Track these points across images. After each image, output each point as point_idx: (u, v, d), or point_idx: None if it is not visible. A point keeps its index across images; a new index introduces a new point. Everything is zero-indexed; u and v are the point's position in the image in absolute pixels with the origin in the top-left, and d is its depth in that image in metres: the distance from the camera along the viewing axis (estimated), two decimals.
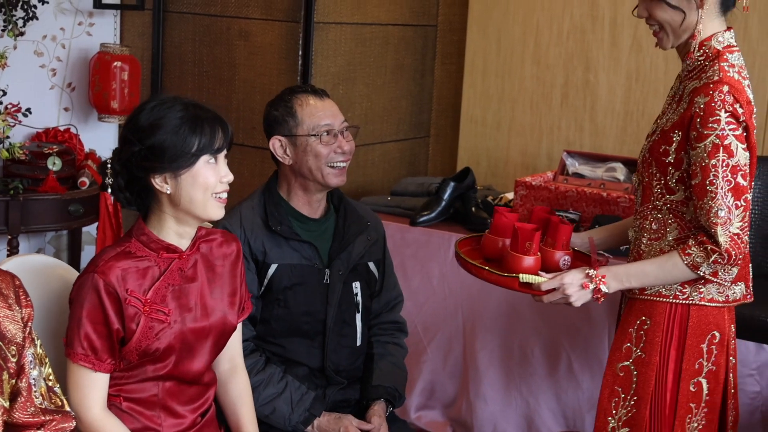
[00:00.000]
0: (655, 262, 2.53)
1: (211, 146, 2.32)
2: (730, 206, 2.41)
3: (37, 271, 2.50)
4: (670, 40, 2.54)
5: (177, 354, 2.37)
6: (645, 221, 2.61)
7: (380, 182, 4.65)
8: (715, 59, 2.48)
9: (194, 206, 2.34)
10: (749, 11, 4.02)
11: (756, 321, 3.04)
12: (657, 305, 2.58)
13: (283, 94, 2.90)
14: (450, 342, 3.94)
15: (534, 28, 4.56)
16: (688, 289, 2.55)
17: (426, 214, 4.00)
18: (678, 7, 2.49)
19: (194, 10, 4.42)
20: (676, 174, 2.52)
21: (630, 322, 2.64)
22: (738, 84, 2.45)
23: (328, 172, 2.83)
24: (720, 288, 2.56)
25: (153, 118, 2.31)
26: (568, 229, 2.65)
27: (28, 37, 4.17)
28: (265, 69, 4.28)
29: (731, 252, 2.42)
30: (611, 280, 2.53)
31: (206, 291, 2.43)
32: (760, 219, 3.37)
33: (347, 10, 4.33)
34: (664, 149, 2.53)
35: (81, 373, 2.30)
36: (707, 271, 2.47)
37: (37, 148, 4.09)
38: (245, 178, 4.36)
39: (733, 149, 2.40)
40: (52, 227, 4.12)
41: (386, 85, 4.62)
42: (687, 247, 2.47)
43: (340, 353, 2.89)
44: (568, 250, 2.67)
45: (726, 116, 2.40)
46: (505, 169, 4.69)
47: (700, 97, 2.43)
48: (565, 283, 2.53)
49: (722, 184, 2.40)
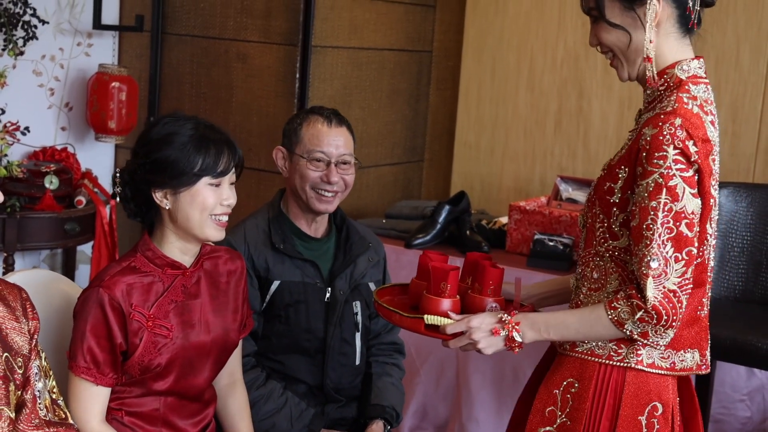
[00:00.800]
0: (578, 313, 2.19)
1: (215, 169, 2.34)
2: (668, 258, 2.06)
3: (40, 286, 2.51)
4: (624, 68, 2.21)
5: (179, 370, 2.39)
6: (586, 268, 2.26)
7: (374, 205, 4.68)
8: (675, 89, 2.16)
9: (191, 225, 2.36)
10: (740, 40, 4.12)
11: (747, 345, 3.07)
12: (588, 365, 2.22)
13: (303, 110, 2.97)
14: (443, 364, 3.97)
15: (528, 55, 4.61)
16: (624, 350, 2.18)
17: (421, 237, 4.03)
18: (620, 26, 2.16)
19: (193, 32, 4.46)
20: (620, 217, 2.17)
21: (556, 381, 2.27)
22: (695, 118, 2.11)
23: (311, 196, 2.85)
24: (663, 352, 2.19)
25: (163, 133, 2.35)
26: (497, 274, 2.33)
27: (27, 56, 4.20)
28: (263, 91, 4.31)
29: (660, 311, 2.07)
30: (527, 329, 2.19)
31: (209, 308, 2.45)
32: (752, 245, 3.41)
33: (344, 34, 4.38)
34: (608, 187, 2.19)
35: (82, 386, 2.32)
36: (634, 331, 2.12)
37: (35, 166, 4.12)
38: (241, 199, 4.32)
39: (678, 192, 2.06)
40: (48, 245, 4.13)
41: (382, 109, 4.67)
42: (615, 300, 2.13)
43: (339, 371, 2.91)
44: (498, 296, 2.33)
45: (674, 153, 2.06)
46: (498, 194, 4.73)
47: (649, 128, 2.10)
48: (473, 327, 2.21)
49: (661, 231, 2.06)
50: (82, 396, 2.32)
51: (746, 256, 3.40)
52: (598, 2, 2.17)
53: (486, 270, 2.32)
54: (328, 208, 2.87)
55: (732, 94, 4.16)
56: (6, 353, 2.04)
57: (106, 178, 4.57)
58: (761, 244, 3.40)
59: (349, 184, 2.90)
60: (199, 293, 2.44)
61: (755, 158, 4.11)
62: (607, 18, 2.16)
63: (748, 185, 3.47)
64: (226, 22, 4.37)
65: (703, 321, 2.24)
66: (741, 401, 3.50)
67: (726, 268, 3.40)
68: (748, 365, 3.16)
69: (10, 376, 2.03)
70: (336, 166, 2.86)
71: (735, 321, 3.19)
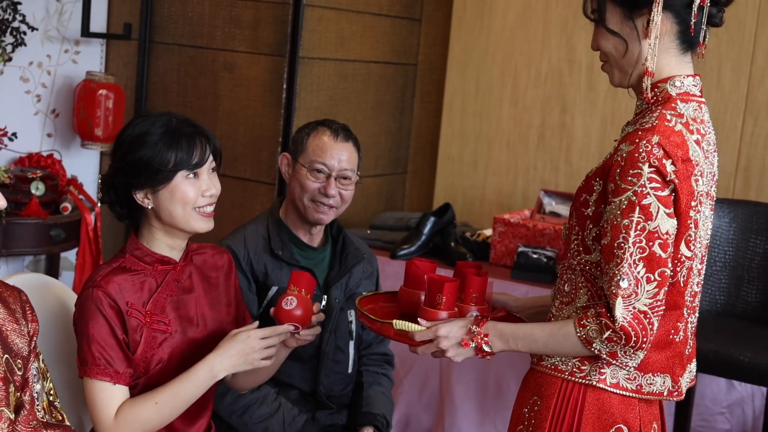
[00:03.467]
0: (548, 328, 2.12)
1: (189, 161, 2.33)
2: (639, 278, 2.00)
3: (34, 289, 2.51)
4: (615, 75, 2.16)
5: (179, 365, 2.38)
6: (560, 281, 2.21)
7: (358, 216, 4.71)
8: (661, 105, 2.10)
9: (176, 221, 2.36)
10: (722, 60, 4.18)
11: (729, 358, 3.12)
12: (550, 381, 2.15)
13: (314, 121, 2.99)
14: (426, 374, 4.00)
15: (512, 70, 4.66)
16: (587, 367, 2.11)
17: (406, 248, 4.07)
18: (618, 34, 2.10)
19: (180, 42, 4.48)
20: (594, 230, 2.11)
21: (524, 399, 2.22)
22: (676, 137, 2.03)
23: (308, 206, 2.88)
24: (629, 373, 2.11)
25: (135, 134, 2.35)
26: (480, 282, 2.30)
27: (15, 62, 4.21)
28: (249, 101, 4.34)
29: (629, 332, 2.00)
30: (495, 340, 2.14)
31: (204, 301, 2.47)
32: (734, 260, 3.47)
33: (331, 46, 4.41)
34: (584, 199, 2.13)
35: (99, 388, 2.28)
36: (603, 350, 2.05)
37: (21, 172, 4.13)
38: (226, 208, 4.40)
39: (652, 211, 1.99)
40: (33, 251, 4.14)
41: (366, 121, 4.70)
42: (584, 317, 2.06)
43: (332, 378, 2.94)
44: (482, 304, 2.31)
45: (649, 171, 1.99)
46: (481, 207, 4.77)
47: (625, 144, 2.04)
48: (440, 336, 2.15)
49: (632, 250, 1.99)
50: (101, 397, 2.29)
51: (728, 270, 3.46)
52: (600, 6, 2.12)
53: (468, 278, 2.30)
54: (323, 220, 2.90)
55: (713, 113, 4.16)
56: (6, 355, 2.05)
57: (91, 185, 4.58)
58: (743, 259, 3.45)
59: (347, 199, 2.93)
60: (193, 287, 2.45)
61: (735, 175, 4.18)
62: (606, 24, 2.11)
63: (730, 201, 3.53)
64: (214, 32, 4.40)
65: (677, 346, 2.14)
66: (721, 414, 3.54)
67: (708, 282, 3.46)
68: (729, 377, 3.20)
69: (10, 377, 2.05)
70: (336, 180, 2.88)
71: (717, 334, 3.25)
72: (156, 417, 2.31)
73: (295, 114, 4.27)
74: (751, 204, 3.55)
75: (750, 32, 4.13)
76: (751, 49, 4.14)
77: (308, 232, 2.96)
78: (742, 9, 4.13)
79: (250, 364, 2.36)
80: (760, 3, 4.12)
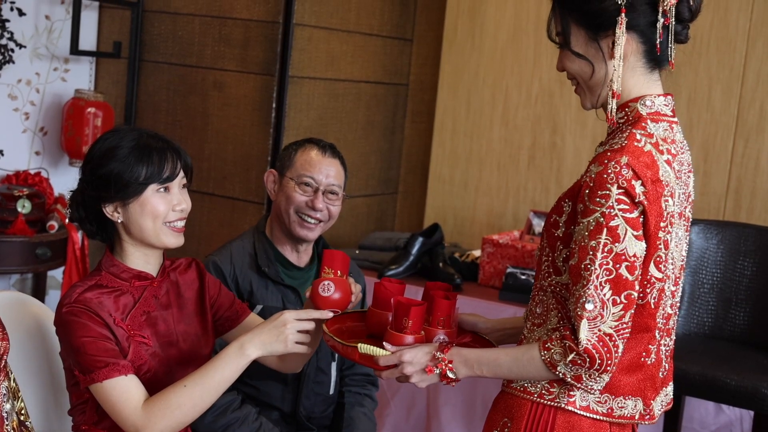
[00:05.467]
0: (512, 352, 2.07)
1: (160, 175, 2.32)
2: (605, 300, 1.96)
3: (10, 307, 2.50)
4: (587, 97, 2.14)
5: (164, 379, 2.33)
6: (532, 302, 2.16)
7: (348, 236, 4.69)
8: (632, 124, 2.07)
9: (146, 235, 2.33)
10: (712, 81, 4.17)
11: (716, 381, 3.09)
12: (520, 403, 2.11)
13: (301, 139, 2.99)
14: (413, 396, 3.97)
15: (503, 91, 4.65)
16: (556, 389, 2.07)
17: (394, 268, 4.04)
18: (584, 57, 2.08)
19: (170, 60, 4.47)
20: (564, 252, 2.07)
21: (494, 420, 2.17)
22: (646, 157, 2.00)
23: (294, 220, 2.87)
24: (599, 396, 2.07)
25: (105, 148, 2.33)
26: (446, 306, 2.24)
27: (3, 80, 4.20)
28: (239, 120, 4.33)
29: (593, 354, 1.96)
30: (460, 366, 2.10)
31: (180, 317, 2.44)
32: (722, 282, 3.44)
33: (321, 65, 4.40)
34: (554, 220, 2.10)
35: (112, 386, 2.21)
36: (567, 373, 2.01)
37: (7, 190, 4.10)
38: (214, 227, 4.39)
39: (619, 233, 1.95)
40: (18, 269, 4.11)
41: (357, 141, 4.69)
42: (549, 340, 2.03)
43: (313, 400, 2.91)
44: (449, 328, 2.25)
45: (617, 192, 1.96)
46: (471, 227, 4.75)
47: (595, 165, 2.01)
48: (405, 361, 2.12)
49: (599, 272, 1.96)
50: (118, 393, 2.20)
51: (716, 292, 3.43)
52: (564, 29, 2.10)
53: (435, 301, 2.25)
54: (309, 236, 2.88)
55: (703, 134, 4.21)
56: None
57: None
58: (731, 282, 3.42)
59: (334, 215, 2.91)
60: (170, 303, 2.43)
61: (725, 197, 4.16)
62: (571, 47, 2.09)
63: (718, 222, 3.50)
64: (203, 51, 4.39)
65: (648, 369, 2.10)
66: None
67: (696, 304, 3.43)
68: (716, 401, 3.17)
69: None
70: (323, 194, 2.87)
71: (704, 356, 3.21)
72: (187, 401, 2.22)
73: (285, 133, 4.26)
74: (739, 225, 3.53)
75: (740, 54, 4.13)
76: (741, 70, 4.13)
77: (295, 250, 2.93)
78: (732, 30, 4.12)
79: (282, 345, 2.26)
80: (750, 25, 4.11)
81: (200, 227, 4.42)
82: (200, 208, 4.42)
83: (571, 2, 2.08)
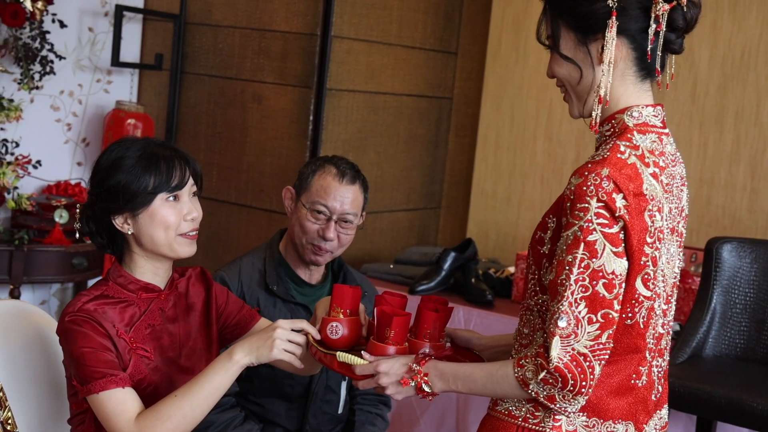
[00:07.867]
0: (487, 368, 2.00)
1: (168, 184, 2.29)
2: (580, 318, 1.86)
3: (11, 316, 2.51)
4: (574, 105, 2.04)
5: (160, 396, 2.31)
6: (520, 322, 2.07)
7: (387, 250, 4.65)
8: (617, 136, 1.97)
9: (158, 246, 2.31)
10: (762, 96, 4.04)
11: (739, 404, 2.96)
12: (506, 426, 2.01)
13: (322, 157, 2.93)
14: (443, 414, 3.90)
15: (547, 105, 4.58)
16: (541, 413, 1.97)
17: (425, 283, 3.99)
18: (572, 60, 2.00)
19: (211, 72, 4.49)
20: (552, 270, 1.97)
21: None
22: (629, 169, 1.91)
23: (306, 246, 2.83)
24: (587, 420, 1.97)
25: (111, 160, 2.32)
26: (434, 318, 2.19)
27: (45, 91, 4.25)
28: (277, 132, 4.32)
29: (565, 374, 1.86)
30: (436, 379, 2.03)
31: (184, 331, 2.41)
32: (755, 302, 3.31)
33: (361, 78, 4.38)
34: (539, 236, 2.01)
35: (108, 398, 2.19)
36: (540, 393, 1.91)
37: (46, 200, 4.15)
38: (251, 240, 4.38)
39: (597, 248, 1.86)
40: (55, 279, 4.15)
41: (398, 155, 4.65)
42: (524, 357, 1.93)
43: (320, 419, 2.87)
44: (437, 341, 2.19)
45: (597, 206, 1.86)
46: (513, 243, 4.67)
47: (575, 177, 1.92)
48: (380, 372, 2.07)
49: (574, 288, 1.86)
50: (113, 405, 2.18)
51: (749, 313, 3.30)
52: (554, 32, 2.02)
53: (422, 313, 2.20)
54: (319, 261, 2.85)
55: (751, 150, 4.09)
56: None
57: None
58: (764, 302, 3.29)
59: (345, 243, 2.86)
60: (176, 317, 2.40)
61: None
62: (560, 50, 2.01)
63: (752, 241, 3.37)
64: (243, 63, 4.40)
65: (640, 391, 2.01)
66: None
67: (728, 325, 3.31)
68: (741, 425, 3.03)
69: None
70: (336, 223, 2.83)
71: (731, 379, 3.09)
72: (177, 411, 2.18)
73: (322, 146, 4.24)
74: None
75: None
76: None
77: (307, 269, 2.90)
78: None
79: (268, 351, 2.21)
80: None
81: (237, 239, 4.42)
82: (238, 220, 4.42)
83: (562, 4, 2.01)
